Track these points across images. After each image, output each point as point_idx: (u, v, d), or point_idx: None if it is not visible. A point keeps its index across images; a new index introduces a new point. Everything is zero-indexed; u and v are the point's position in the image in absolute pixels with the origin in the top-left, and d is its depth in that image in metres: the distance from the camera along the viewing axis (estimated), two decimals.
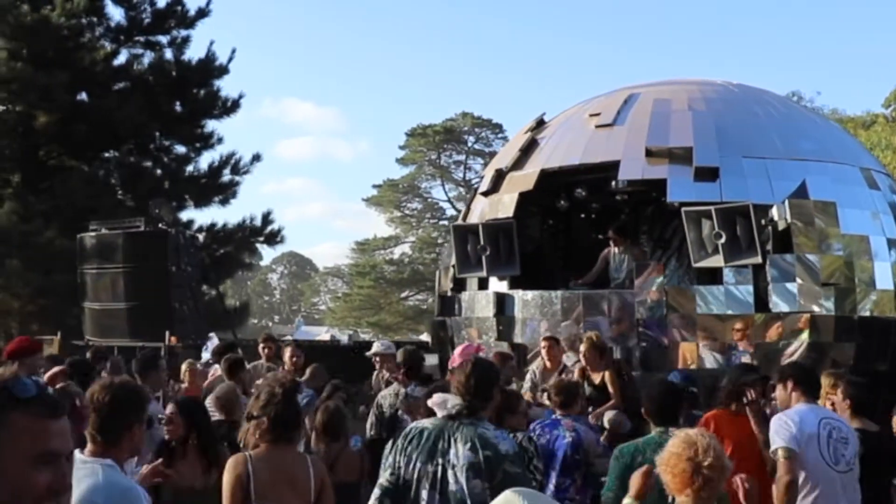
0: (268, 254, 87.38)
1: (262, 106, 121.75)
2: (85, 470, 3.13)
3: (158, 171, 19.88)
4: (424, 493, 3.88)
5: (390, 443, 4.17)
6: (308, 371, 9.07)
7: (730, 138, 10.68)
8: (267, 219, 20.60)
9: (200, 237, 19.60)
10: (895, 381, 8.95)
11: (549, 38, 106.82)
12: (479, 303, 11.65)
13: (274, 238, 20.90)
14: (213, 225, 20.67)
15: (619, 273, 11.07)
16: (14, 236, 16.45)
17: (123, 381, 3.67)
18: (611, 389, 9.11)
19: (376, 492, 4.04)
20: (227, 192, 20.68)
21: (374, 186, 50.75)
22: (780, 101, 12.16)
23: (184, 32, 20.33)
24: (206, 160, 21.12)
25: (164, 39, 20.57)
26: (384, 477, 4.03)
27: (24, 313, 16.88)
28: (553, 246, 13.19)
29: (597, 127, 11.46)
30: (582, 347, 9.48)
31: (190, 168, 20.72)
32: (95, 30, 19.61)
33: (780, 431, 5.01)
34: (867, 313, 10.39)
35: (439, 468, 3.88)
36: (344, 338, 33.71)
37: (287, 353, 9.51)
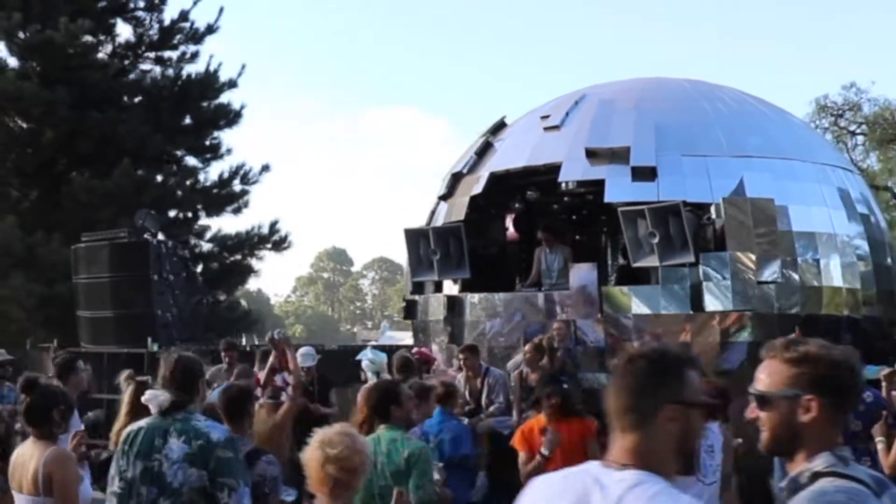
0: (359, 260, 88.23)
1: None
2: None
3: (167, 183, 20.37)
4: (143, 490, 4.07)
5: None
6: (235, 371, 9.30)
7: (669, 136, 10.56)
8: (273, 227, 21.03)
9: (208, 245, 20.24)
10: None
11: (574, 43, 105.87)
12: (431, 306, 11.78)
13: (280, 245, 21.32)
14: (225, 234, 21.19)
15: (550, 273, 11.08)
16: (19, 248, 17.07)
17: None
18: None
19: (112, 500, 4.19)
20: (238, 202, 21.17)
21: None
22: (735, 97, 11.91)
23: (192, 48, 20.94)
24: (215, 171, 21.69)
25: (173, 55, 21.19)
26: (115, 485, 4.18)
27: (32, 322, 17.51)
28: (515, 247, 13.23)
29: (545, 129, 11.49)
30: (526, 348, 9.61)
31: (201, 178, 21.26)
32: (104, 46, 20.25)
33: None
34: (813, 311, 10.19)
35: (156, 464, 4.08)
36: None
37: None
